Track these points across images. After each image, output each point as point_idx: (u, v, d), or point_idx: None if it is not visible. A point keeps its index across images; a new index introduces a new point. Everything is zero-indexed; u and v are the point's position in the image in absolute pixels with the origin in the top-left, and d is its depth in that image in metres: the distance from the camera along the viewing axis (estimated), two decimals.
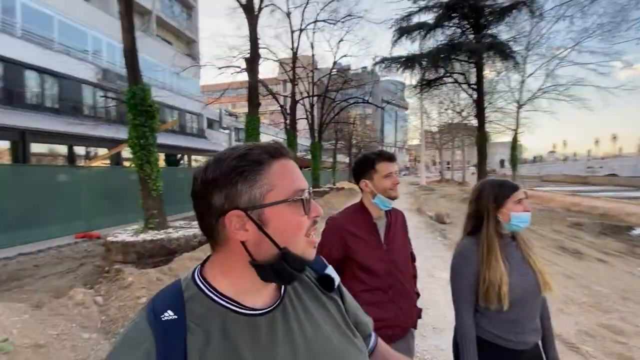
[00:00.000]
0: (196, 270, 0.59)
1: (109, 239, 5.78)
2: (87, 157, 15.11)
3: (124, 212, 8.79)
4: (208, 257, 0.61)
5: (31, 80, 13.37)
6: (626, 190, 23.54)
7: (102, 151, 14.73)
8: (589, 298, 4.22)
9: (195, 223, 7.29)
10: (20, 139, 11.43)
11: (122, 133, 11.56)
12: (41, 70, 13.45)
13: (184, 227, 6.79)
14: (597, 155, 54.86)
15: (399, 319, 1.42)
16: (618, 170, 41.29)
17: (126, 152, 14.95)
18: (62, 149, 14.17)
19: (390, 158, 1.48)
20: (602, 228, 9.11)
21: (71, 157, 14.38)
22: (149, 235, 5.80)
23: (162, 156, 18.08)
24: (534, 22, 15.23)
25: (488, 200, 1.34)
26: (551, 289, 1.33)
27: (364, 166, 1.49)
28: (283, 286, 0.63)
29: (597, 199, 15.86)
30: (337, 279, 0.71)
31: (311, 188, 0.61)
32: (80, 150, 14.86)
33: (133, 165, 6.23)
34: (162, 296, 0.55)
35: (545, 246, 6.99)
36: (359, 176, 1.50)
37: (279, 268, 0.54)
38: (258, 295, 0.58)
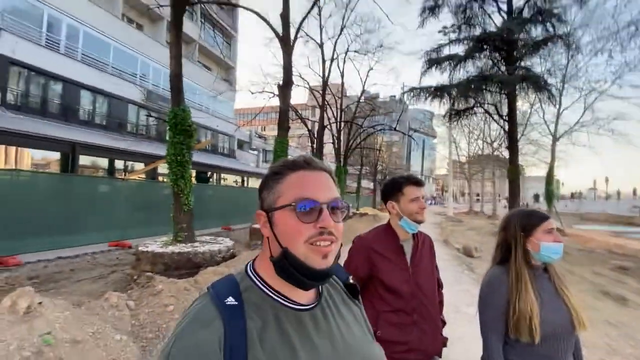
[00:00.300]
0: (249, 265, 0.68)
1: (140, 248, 6.04)
2: (125, 170, 16.13)
3: (155, 224, 9.20)
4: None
5: (85, 99, 14.77)
6: None
7: (139, 166, 15.69)
8: (635, 350, 3.84)
9: (220, 239, 7.48)
10: (71, 151, 12.47)
11: (159, 150, 12.35)
12: (94, 90, 14.85)
13: (209, 242, 6.98)
14: None
15: (422, 343, 1.40)
16: None
17: (161, 168, 15.87)
18: (103, 162, 15.27)
19: (418, 183, 1.52)
20: None
21: (111, 170, 15.42)
22: (177, 248, 6.01)
23: (193, 173, 18.92)
24: (570, 56, 14.99)
25: (516, 229, 1.33)
26: (586, 328, 1.27)
27: (392, 189, 1.54)
28: (320, 288, 0.70)
29: None
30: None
31: (341, 203, 0.65)
32: (119, 164, 15.93)
33: (168, 180, 6.59)
34: (221, 285, 0.62)
35: (585, 289, 6.47)
36: (387, 198, 1.55)
37: (283, 266, 0.61)
38: (301, 292, 0.65)
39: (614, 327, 4.54)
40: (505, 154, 17.32)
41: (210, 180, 22.65)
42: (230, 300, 0.58)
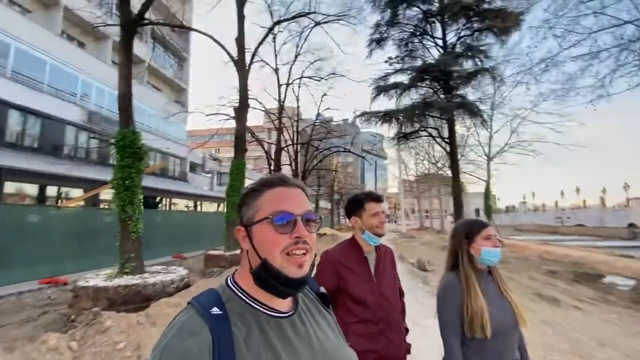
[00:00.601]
0: (229, 278, 0.72)
1: (79, 284, 5.44)
2: (59, 197, 14.53)
3: (95, 256, 8.34)
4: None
5: (13, 119, 13.25)
6: (593, 240, 24.70)
7: (78, 192, 14.25)
8: (569, 345, 4.29)
9: (172, 268, 7.00)
10: None
11: (102, 174, 11.39)
12: (25, 110, 13.43)
13: (161, 272, 6.51)
14: (563, 206, 57.98)
15: (389, 351, 1.48)
16: (584, 220, 43.55)
17: (104, 194, 14.55)
18: (32, 189, 13.61)
19: (378, 199, 1.66)
20: (575, 276, 9.42)
21: (41, 198, 13.78)
22: (124, 280, 5.52)
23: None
24: (496, 86, 17.11)
25: (461, 237, 1.51)
26: (526, 324, 1.44)
27: (354, 205, 1.66)
28: (297, 297, 0.76)
29: (568, 247, 16.52)
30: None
31: (314, 216, 0.71)
32: (52, 190, 14.32)
33: (114, 206, 6.11)
34: (204, 297, 0.66)
35: (522, 293, 7.11)
36: (350, 213, 1.66)
37: (262, 276, 0.66)
38: (278, 301, 0.70)
39: (550, 326, 5.04)
40: (449, 173, 18.84)
41: (160, 205, 21.24)
42: (215, 310, 0.62)
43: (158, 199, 21.00)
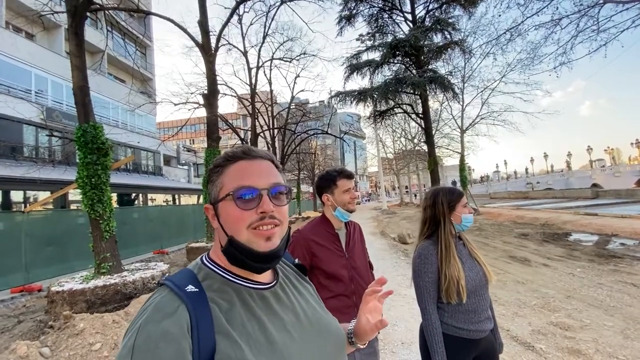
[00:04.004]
0: (204, 257, 0.69)
1: (53, 288, 5.22)
2: (26, 202, 13.74)
3: (70, 260, 8.01)
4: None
5: None
6: (561, 202, 26.21)
7: (44, 194, 13.52)
8: (539, 300, 4.59)
9: (152, 264, 6.84)
10: None
11: (69, 174, 10.80)
12: None
13: (140, 269, 6.34)
14: (533, 172, 60.92)
15: None
16: (552, 184, 46.10)
17: (73, 194, 13.85)
18: None
19: (349, 176, 1.66)
20: (544, 236, 10.02)
21: (6, 203, 12.99)
22: (101, 281, 5.34)
23: (114, 196, 16.96)
24: (465, 59, 17.32)
25: (443, 206, 1.54)
26: (493, 279, 1.52)
27: (326, 182, 1.65)
28: (276, 269, 0.75)
29: (537, 211, 17.48)
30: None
31: (282, 187, 0.68)
32: (18, 196, 13.51)
33: (81, 206, 5.82)
34: (178, 277, 0.63)
35: (498, 257, 7.52)
36: (322, 190, 1.65)
37: (230, 253, 0.64)
38: (259, 275, 0.68)
39: (522, 284, 5.38)
40: (425, 148, 19.21)
41: (136, 202, 20.56)
42: (191, 288, 0.59)
43: (133, 195, 20.30)
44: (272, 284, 0.70)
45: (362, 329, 0.78)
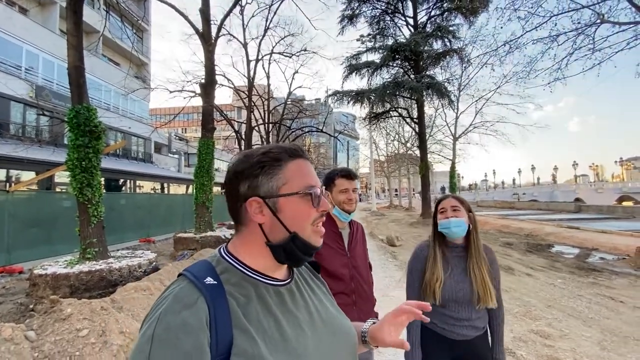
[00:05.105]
0: (222, 249, 0.69)
1: (36, 271, 5.11)
2: (9, 181, 13.33)
3: (54, 243, 7.85)
4: (229, 239, 0.73)
5: None
6: (545, 214, 26.89)
7: (29, 175, 13.15)
8: (521, 308, 4.71)
9: (139, 252, 6.76)
10: None
11: (56, 155, 10.51)
12: None
13: (126, 256, 6.26)
14: (520, 183, 62.25)
15: (360, 320, 1.53)
16: (538, 196, 47.22)
17: (59, 177, 13.50)
18: None
19: (348, 176, 1.65)
20: (527, 246, 10.27)
21: None
22: (86, 266, 5.24)
23: (102, 181, 16.66)
24: (463, 67, 17.55)
25: (434, 211, 1.64)
26: (488, 304, 1.48)
27: (326, 180, 1.67)
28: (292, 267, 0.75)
29: (523, 221, 17.87)
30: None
31: (323, 188, 0.71)
32: (1, 174, 13.10)
33: (71, 189, 5.69)
34: (197, 268, 0.63)
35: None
36: (324, 188, 1.66)
37: (289, 249, 0.65)
38: (277, 271, 0.69)
39: (505, 292, 5.50)
40: (418, 152, 19.41)
41: (124, 188, 20.18)
42: (210, 280, 0.60)
43: (121, 181, 19.92)
44: (287, 281, 0.70)
45: (380, 337, 0.78)
